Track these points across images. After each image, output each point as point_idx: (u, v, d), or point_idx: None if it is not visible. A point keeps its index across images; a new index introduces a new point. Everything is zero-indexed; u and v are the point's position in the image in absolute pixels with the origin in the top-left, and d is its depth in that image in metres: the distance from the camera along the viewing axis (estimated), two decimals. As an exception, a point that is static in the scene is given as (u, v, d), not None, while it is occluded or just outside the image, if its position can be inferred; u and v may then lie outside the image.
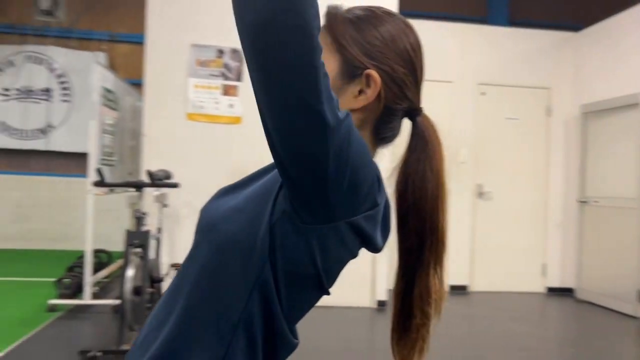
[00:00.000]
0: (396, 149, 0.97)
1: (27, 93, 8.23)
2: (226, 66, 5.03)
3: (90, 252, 4.68)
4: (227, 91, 5.03)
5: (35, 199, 8.02)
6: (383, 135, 0.90)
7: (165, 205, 4.64)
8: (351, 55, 0.84)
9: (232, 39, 4.98)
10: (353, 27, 0.86)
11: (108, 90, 4.99)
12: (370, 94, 0.84)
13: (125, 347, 3.52)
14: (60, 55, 8.28)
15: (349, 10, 0.89)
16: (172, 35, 4.98)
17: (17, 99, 8.21)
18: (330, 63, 0.82)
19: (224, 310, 0.77)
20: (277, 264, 0.76)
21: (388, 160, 0.98)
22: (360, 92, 0.84)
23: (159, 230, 4.52)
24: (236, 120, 5.04)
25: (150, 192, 4.26)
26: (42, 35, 8.30)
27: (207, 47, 5.01)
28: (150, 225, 4.49)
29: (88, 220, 4.66)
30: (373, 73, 0.83)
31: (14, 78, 8.17)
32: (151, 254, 3.89)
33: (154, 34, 4.99)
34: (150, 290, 3.75)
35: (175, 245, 4.95)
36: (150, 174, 3.95)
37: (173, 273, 4.58)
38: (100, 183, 4.08)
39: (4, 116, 8.12)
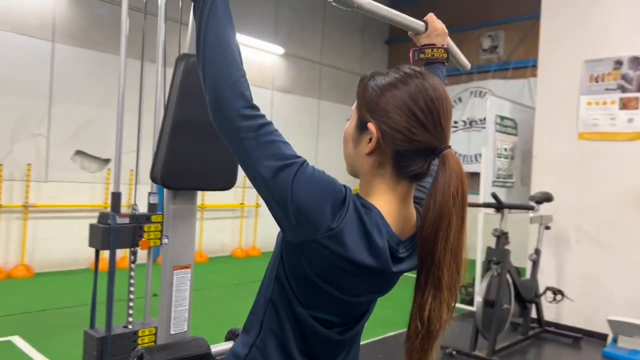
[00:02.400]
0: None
1: (470, 124, 9.54)
2: (624, 77, 4.51)
3: (480, 264, 5.16)
4: (626, 104, 4.49)
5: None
6: (408, 171, 1.06)
7: (547, 227, 4.62)
8: (361, 113, 1.10)
9: (630, 47, 4.46)
10: (367, 92, 1.10)
11: (503, 118, 5.38)
12: (373, 141, 1.07)
13: (477, 352, 3.84)
14: (498, 86, 9.17)
15: (373, 77, 1.13)
16: (563, 54, 4.90)
17: (462, 129, 9.65)
18: (353, 119, 1.12)
19: (262, 301, 1.17)
20: (285, 266, 1.11)
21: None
22: (370, 140, 1.08)
23: (537, 251, 4.55)
24: (636, 136, 4.43)
25: (512, 214, 4.38)
26: (484, 71, 9.43)
27: (602, 61, 4.65)
28: (531, 246, 4.60)
29: (479, 235, 5.15)
30: (371, 126, 1.06)
31: (460, 112, 9.64)
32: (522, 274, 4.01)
33: (546, 55, 5.05)
34: (515, 307, 3.91)
35: (561, 269, 4.80)
36: (494, 196, 4.12)
37: (550, 296, 4.49)
38: (497, 206, 4.28)
39: (452, 145, 9.68)
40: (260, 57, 8.59)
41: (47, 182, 6.34)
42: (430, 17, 1.56)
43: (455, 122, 9.70)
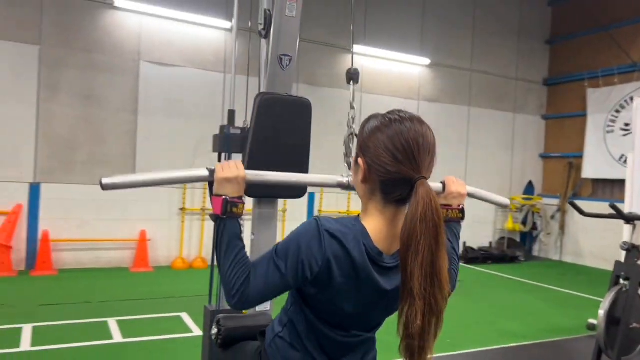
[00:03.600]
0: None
1: None
2: None
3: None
4: None
5: None
6: (392, 197, 1.36)
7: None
8: (357, 150, 1.45)
9: None
10: (362, 134, 1.42)
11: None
12: (361, 172, 1.40)
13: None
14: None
15: (368, 121, 1.45)
16: None
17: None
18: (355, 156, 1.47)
19: (290, 296, 1.54)
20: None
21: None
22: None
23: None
24: None
25: None
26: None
27: None
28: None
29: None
30: (360, 160, 1.40)
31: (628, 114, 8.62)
32: None
33: None
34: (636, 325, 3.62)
35: None
36: (613, 207, 3.78)
37: None
38: (618, 217, 4.05)
39: (627, 150, 8.69)
40: (405, 69, 8.89)
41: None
42: (448, 179, 1.71)
43: (627, 125, 8.71)
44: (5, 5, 6.20)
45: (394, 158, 1.32)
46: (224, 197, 1.42)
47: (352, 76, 2.25)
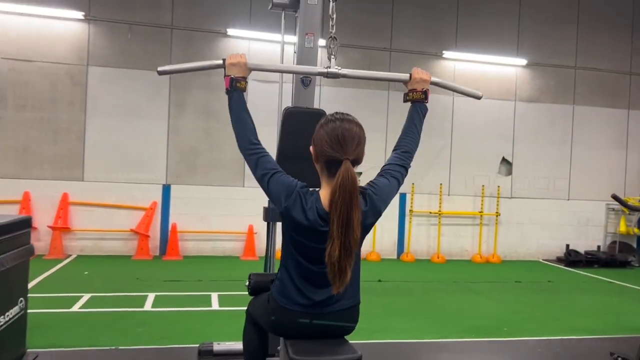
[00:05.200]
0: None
1: None
2: None
3: None
4: None
5: None
6: (331, 172, 2.01)
7: None
8: (312, 142, 2.11)
9: None
10: (315, 132, 2.09)
11: None
12: (313, 156, 2.08)
13: (642, 363, 3.69)
14: None
15: (319, 123, 2.10)
16: None
17: None
18: None
19: (283, 244, 2.24)
20: (283, 228, 2.16)
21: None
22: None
23: None
24: None
25: None
26: None
27: None
28: None
29: None
30: (311, 148, 2.08)
31: None
32: None
33: None
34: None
35: None
36: (615, 198, 3.72)
37: None
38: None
39: None
40: (501, 70, 8.95)
41: (450, 196, 8.54)
42: (414, 70, 2.34)
43: None
44: (145, 42, 7.71)
45: (329, 146, 1.96)
46: (231, 76, 2.15)
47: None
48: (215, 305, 5.10)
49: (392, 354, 3.93)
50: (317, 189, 2.09)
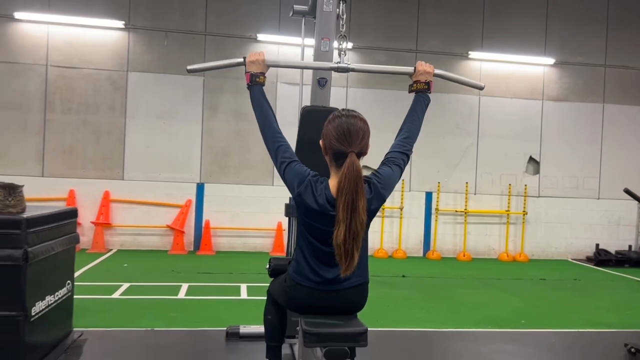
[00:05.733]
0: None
1: None
2: None
3: None
4: None
5: None
6: (339, 163, 2.26)
7: None
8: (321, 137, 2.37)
9: None
10: (324, 127, 2.35)
11: None
12: (322, 149, 2.34)
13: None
14: None
15: (327, 119, 2.35)
16: None
17: None
18: None
19: (297, 242, 2.49)
20: (298, 212, 2.42)
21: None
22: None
23: None
24: None
25: None
26: None
27: None
28: None
29: None
30: (321, 142, 2.34)
31: None
32: None
33: None
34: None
35: None
36: (627, 192, 3.76)
37: None
38: None
39: None
40: (528, 70, 8.98)
41: (477, 194, 8.75)
42: (419, 63, 2.58)
43: None
44: (180, 48, 8.14)
45: (336, 140, 2.21)
46: (251, 72, 2.43)
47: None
48: (244, 295, 5.41)
49: (406, 341, 4.13)
50: (327, 178, 2.34)
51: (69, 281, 3.69)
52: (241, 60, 2.47)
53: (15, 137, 7.77)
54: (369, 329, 2.35)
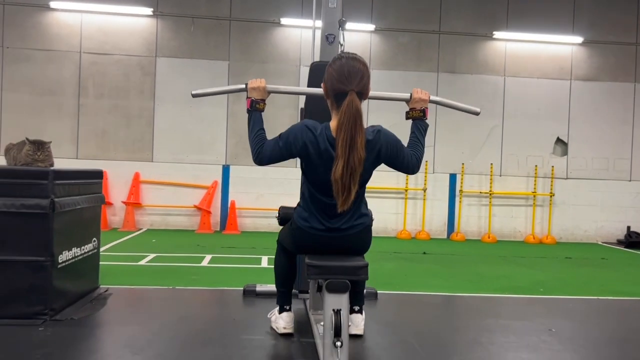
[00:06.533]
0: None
1: None
2: None
3: None
4: None
5: None
6: (338, 104, 2.36)
7: None
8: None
9: None
10: (326, 69, 2.45)
11: None
12: (324, 91, 2.44)
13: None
14: None
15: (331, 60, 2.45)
16: None
17: None
18: None
19: (300, 189, 2.60)
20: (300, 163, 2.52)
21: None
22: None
23: None
24: None
25: None
26: None
27: None
28: None
29: None
30: (322, 84, 2.44)
31: None
32: None
33: None
34: None
35: None
36: None
37: None
38: None
39: None
40: (555, 49, 8.82)
41: (502, 176, 8.63)
42: (414, 90, 2.63)
43: None
44: (206, 34, 8.36)
45: (337, 80, 2.33)
46: (252, 98, 2.53)
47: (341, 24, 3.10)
48: (264, 264, 5.55)
49: (420, 302, 4.17)
50: (327, 122, 2.43)
51: (95, 238, 3.89)
52: (243, 86, 2.55)
53: (51, 121, 8.14)
54: (382, 291, 2.42)
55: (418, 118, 2.57)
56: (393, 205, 8.56)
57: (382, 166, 2.49)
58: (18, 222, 3.10)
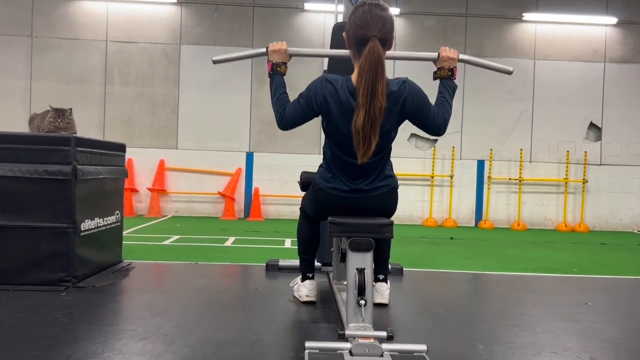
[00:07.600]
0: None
1: None
2: None
3: None
4: None
5: None
6: (360, 52, 2.26)
7: None
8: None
9: None
10: (348, 18, 2.36)
11: None
12: (346, 40, 2.35)
13: None
14: None
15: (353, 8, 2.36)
16: None
17: None
18: None
19: (323, 149, 2.51)
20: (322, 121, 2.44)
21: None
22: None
23: None
24: None
25: None
26: None
27: None
28: None
29: None
30: (344, 34, 2.36)
31: None
32: None
33: None
34: None
35: None
36: None
37: None
38: None
39: None
40: (588, 31, 8.51)
41: (532, 162, 8.43)
42: (442, 49, 2.50)
43: None
44: (230, 21, 8.35)
45: (359, 26, 2.23)
46: (272, 61, 2.46)
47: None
48: (287, 245, 5.48)
49: (448, 279, 4.03)
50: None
51: (117, 212, 3.88)
52: (264, 50, 2.48)
53: (78, 109, 8.18)
54: (408, 269, 2.31)
55: (446, 77, 2.44)
56: (419, 192, 8.39)
57: (408, 149, 2.40)
58: (41, 189, 3.10)
